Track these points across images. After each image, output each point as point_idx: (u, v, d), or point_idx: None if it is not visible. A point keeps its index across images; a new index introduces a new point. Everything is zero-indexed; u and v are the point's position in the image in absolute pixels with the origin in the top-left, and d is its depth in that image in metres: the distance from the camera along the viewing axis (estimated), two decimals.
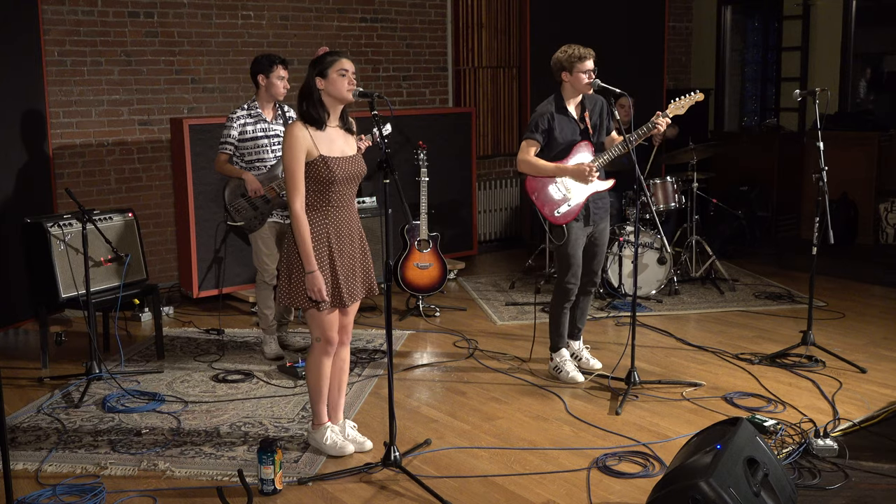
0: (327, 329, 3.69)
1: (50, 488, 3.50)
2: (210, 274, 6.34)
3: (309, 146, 3.52)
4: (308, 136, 3.53)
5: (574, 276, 4.64)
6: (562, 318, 4.75)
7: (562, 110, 4.58)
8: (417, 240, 5.99)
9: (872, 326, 5.64)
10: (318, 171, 3.53)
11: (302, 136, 3.52)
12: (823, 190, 4.82)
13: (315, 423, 3.86)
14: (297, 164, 3.51)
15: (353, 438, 3.88)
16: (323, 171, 3.53)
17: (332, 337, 3.72)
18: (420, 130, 7.00)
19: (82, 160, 6.33)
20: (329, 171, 3.54)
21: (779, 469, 3.13)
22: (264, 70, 4.89)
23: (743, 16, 9.98)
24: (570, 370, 4.72)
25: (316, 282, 3.54)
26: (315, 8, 7.27)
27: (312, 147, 3.53)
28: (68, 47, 6.19)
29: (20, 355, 5.31)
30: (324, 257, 3.60)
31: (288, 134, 3.53)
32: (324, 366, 3.77)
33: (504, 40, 8.47)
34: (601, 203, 4.66)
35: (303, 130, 3.53)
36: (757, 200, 8.38)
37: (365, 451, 3.83)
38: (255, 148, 4.94)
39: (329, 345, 3.73)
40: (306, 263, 3.54)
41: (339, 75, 3.55)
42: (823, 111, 5.48)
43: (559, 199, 4.56)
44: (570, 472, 3.63)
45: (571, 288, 4.67)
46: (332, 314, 3.69)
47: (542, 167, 4.53)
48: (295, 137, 3.51)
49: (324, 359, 3.76)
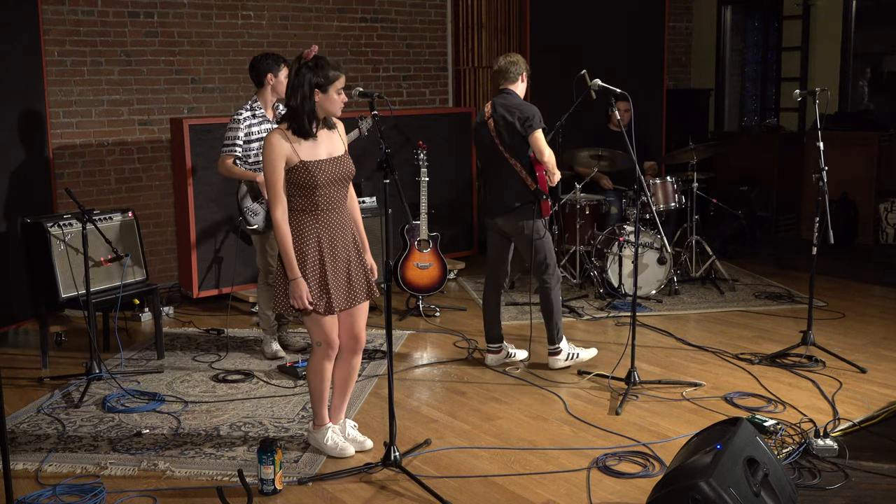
0: (327, 333, 3.67)
1: (50, 488, 3.50)
2: (211, 274, 6.34)
3: (288, 154, 3.48)
4: (288, 144, 3.48)
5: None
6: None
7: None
8: (417, 240, 5.99)
9: (872, 326, 5.64)
10: (299, 177, 3.49)
11: (279, 146, 3.47)
12: (823, 190, 4.82)
13: (316, 423, 3.85)
14: (276, 174, 3.48)
15: (354, 438, 3.88)
16: (304, 176, 3.49)
17: (333, 340, 3.70)
18: (420, 130, 7.00)
19: (82, 160, 6.33)
20: (311, 176, 3.49)
21: (779, 469, 3.13)
22: (273, 70, 4.90)
23: (743, 16, 9.98)
24: (583, 350, 4.96)
25: (298, 289, 3.51)
26: (315, 8, 7.27)
27: (292, 154, 3.48)
28: (68, 47, 6.19)
29: (20, 355, 5.31)
30: (314, 263, 3.56)
31: (266, 143, 3.49)
32: (325, 370, 3.75)
33: (504, 40, 8.47)
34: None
35: (281, 140, 3.48)
36: (757, 200, 8.37)
37: (365, 450, 3.83)
38: (260, 148, 4.94)
39: (330, 349, 3.71)
40: (289, 270, 3.52)
41: (337, 94, 3.52)
42: (823, 111, 5.48)
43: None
44: (570, 472, 3.63)
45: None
46: (331, 318, 3.66)
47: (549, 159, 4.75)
48: (272, 146, 3.47)
49: (325, 363, 3.74)
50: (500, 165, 4.79)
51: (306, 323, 3.68)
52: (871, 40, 8.88)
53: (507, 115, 4.72)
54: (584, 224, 6.58)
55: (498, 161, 4.80)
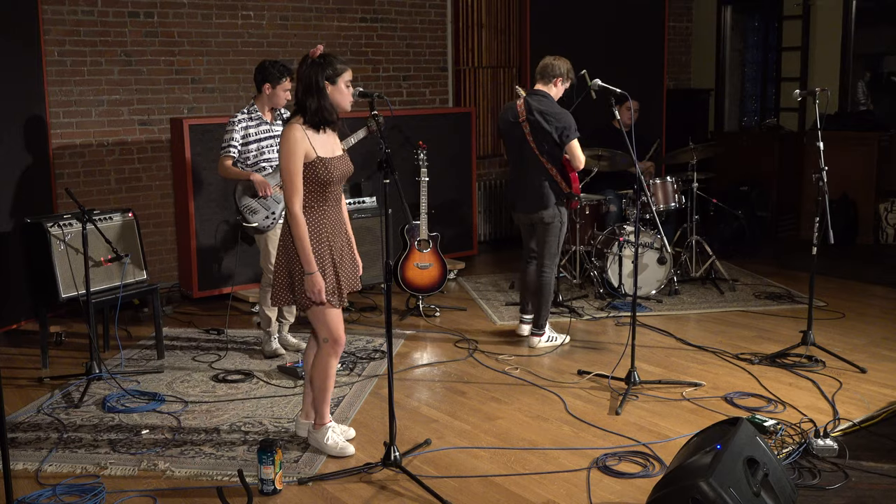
0: (335, 328, 3.69)
1: (50, 488, 3.50)
2: (210, 274, 6.34)
3: (307, 148, 3.52)
4: (306, 137, 3.53)
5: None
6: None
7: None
8: (417, 240, 5.99)
9: (872, 326, 5.64)
10: (317, 172, 3.53)
11: (301, 138, 3.51)
12: (823, 190, 4.82)
13: (317, 423, 3.86)
14: (296, 167, 3.50)
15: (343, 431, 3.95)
16: (322, 172, 3.54)
17: (341, 336, 3.72)
18: (420, 130, 7.00)
19: (82, 160, 6.32)
20: (328, 172, 3.55)
21: (779, 469, 3.13)
22: (272, 80, 4.88)
23: (743, 16, 9.98)
24: (559, 335, 5.33)
25: (316, 283, 3.54)
26: (315, 8, 7.27)
27: (310, 149, 3.53)
28: (68, 47, 6.19)
29: (20, 355, 5.31)
30: (326, 257, 3.61)
31: (286, 136, 3.51)
32: (331, 366, 3.77)
33: (504, 40, 8.47)
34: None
35: (301, 132, 3.52)
36: (757, 200, 8.37)
37: (349, 437, 3.94)
38: (258, 149, 4.95)
39: (337, 344, 3.73)
40: (306, 265, 3.53)
41: (346, 86, 3.58)
42: (823, 111, 5.48)
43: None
44: (570, 472, 3.63)
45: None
46: (338, 313, 3.70)
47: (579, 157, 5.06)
48: (294, 140, 3.50)
49: (332, 359, 3.75)
50: (533, 166, 5.09)
51: (313, 320, 3.70)
52: (871, 40, 8.88)
53: (545, 124, 4.96)
54: (584, 224, 6.58)
55: (531, 162, 5.08)
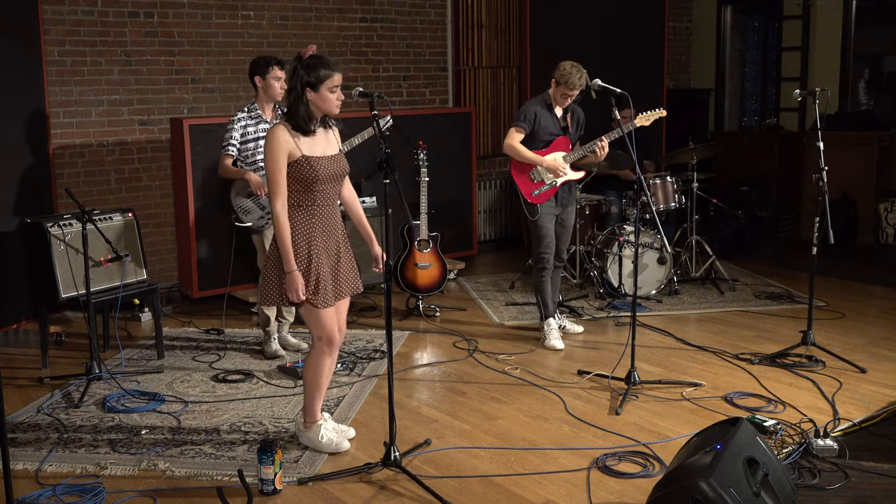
0: (327, 327, 3.70)
1: (50, 488, 3.50)
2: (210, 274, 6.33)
3: (291, 148, 3.54)
4: (290, 139, 3.54)
5: (547, 247, 5.23)
6: (545, 287, 5.29)
7: (548, 108, 5.19)
8: (417, 240, 5.99)
9: (872, 326, 5.64)
10: (301, 171, 3.55)
11: (284, 140, 3.52)
12: (823, 190, 4.82)
13: (308, 421, 3.86)
14: (279, 167, 3.52)
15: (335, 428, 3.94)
16: (307, 170, 3.55)
17: (334, 335, 3.73)
18: (420, 130, 6.99)
19: (82, 160, 6.32)
20: (313, 171, 3.55)
21: (779, 469, 3.13)
22: (260, 71, 4.91)
23: (743, 16, 9.98)
24: (553, 338, 5.26)
25: (294, 282, 3.54)
26: (315, 8, 7.27)
27: (295, 149, 3.54)
28: (68, 47, 6.19)
29: (20, 355, 5.31)
30: (303, 255, 3.60)
31: (270, 137, 3.54)
32: (324, 365, 3.78)
33: (504, 40, 8.47)
34: (570, 190, 5.33)
35: (285, 134, 3.54)
36: (757, 200, 8.37)
37: (349, 437, 3.93)
38: (256, 149, 4.95)
39: (331, 344, 3.74)
40: (286, 263, 3.55)
41: (330, 92, 3.56)
42: (823, 111, 5.48)
43: (536, 183, 5.18)
44: (570, 472, 3.63)
45: (546, 257, 5.23)
46: (331, 312, 3.70)
47: (523, 154, 5.11)
48: (276, 140, 3.52)
49: (325, 358, 3.77)
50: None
51: (307, 319, 3.71)
52: (871, 40, 8.88)
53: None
54: (584, 224, 6.58)
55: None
